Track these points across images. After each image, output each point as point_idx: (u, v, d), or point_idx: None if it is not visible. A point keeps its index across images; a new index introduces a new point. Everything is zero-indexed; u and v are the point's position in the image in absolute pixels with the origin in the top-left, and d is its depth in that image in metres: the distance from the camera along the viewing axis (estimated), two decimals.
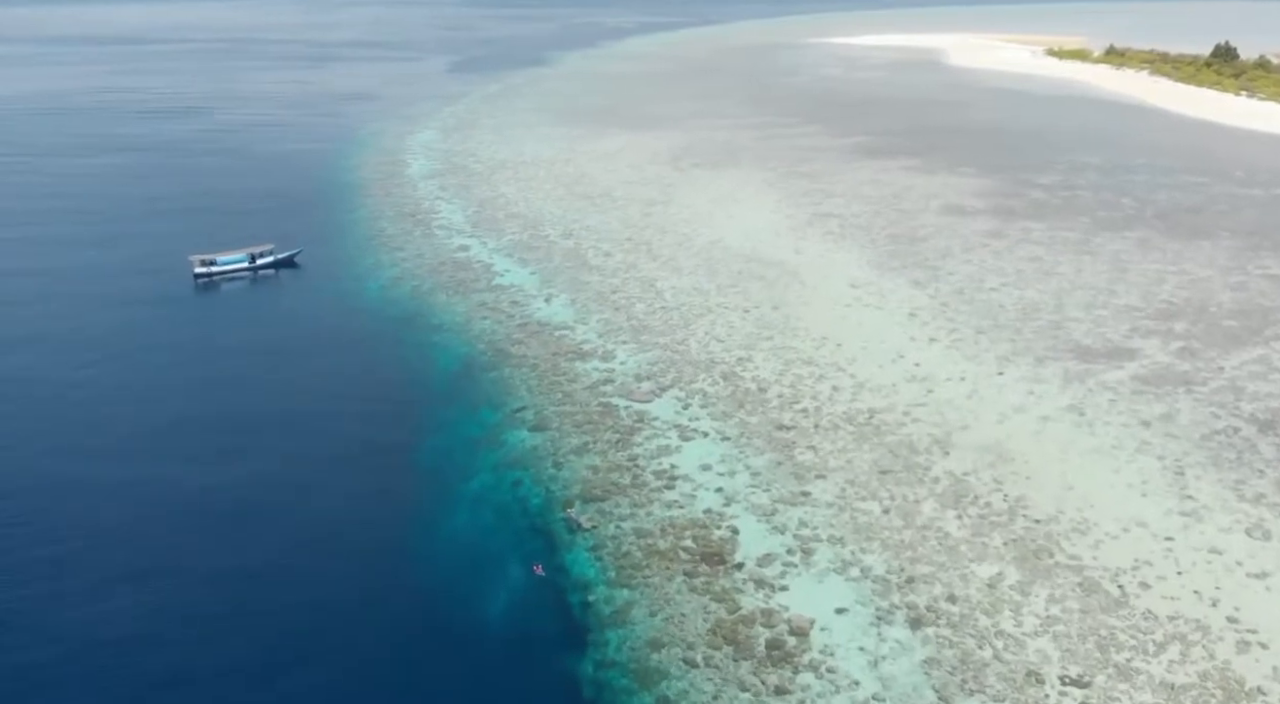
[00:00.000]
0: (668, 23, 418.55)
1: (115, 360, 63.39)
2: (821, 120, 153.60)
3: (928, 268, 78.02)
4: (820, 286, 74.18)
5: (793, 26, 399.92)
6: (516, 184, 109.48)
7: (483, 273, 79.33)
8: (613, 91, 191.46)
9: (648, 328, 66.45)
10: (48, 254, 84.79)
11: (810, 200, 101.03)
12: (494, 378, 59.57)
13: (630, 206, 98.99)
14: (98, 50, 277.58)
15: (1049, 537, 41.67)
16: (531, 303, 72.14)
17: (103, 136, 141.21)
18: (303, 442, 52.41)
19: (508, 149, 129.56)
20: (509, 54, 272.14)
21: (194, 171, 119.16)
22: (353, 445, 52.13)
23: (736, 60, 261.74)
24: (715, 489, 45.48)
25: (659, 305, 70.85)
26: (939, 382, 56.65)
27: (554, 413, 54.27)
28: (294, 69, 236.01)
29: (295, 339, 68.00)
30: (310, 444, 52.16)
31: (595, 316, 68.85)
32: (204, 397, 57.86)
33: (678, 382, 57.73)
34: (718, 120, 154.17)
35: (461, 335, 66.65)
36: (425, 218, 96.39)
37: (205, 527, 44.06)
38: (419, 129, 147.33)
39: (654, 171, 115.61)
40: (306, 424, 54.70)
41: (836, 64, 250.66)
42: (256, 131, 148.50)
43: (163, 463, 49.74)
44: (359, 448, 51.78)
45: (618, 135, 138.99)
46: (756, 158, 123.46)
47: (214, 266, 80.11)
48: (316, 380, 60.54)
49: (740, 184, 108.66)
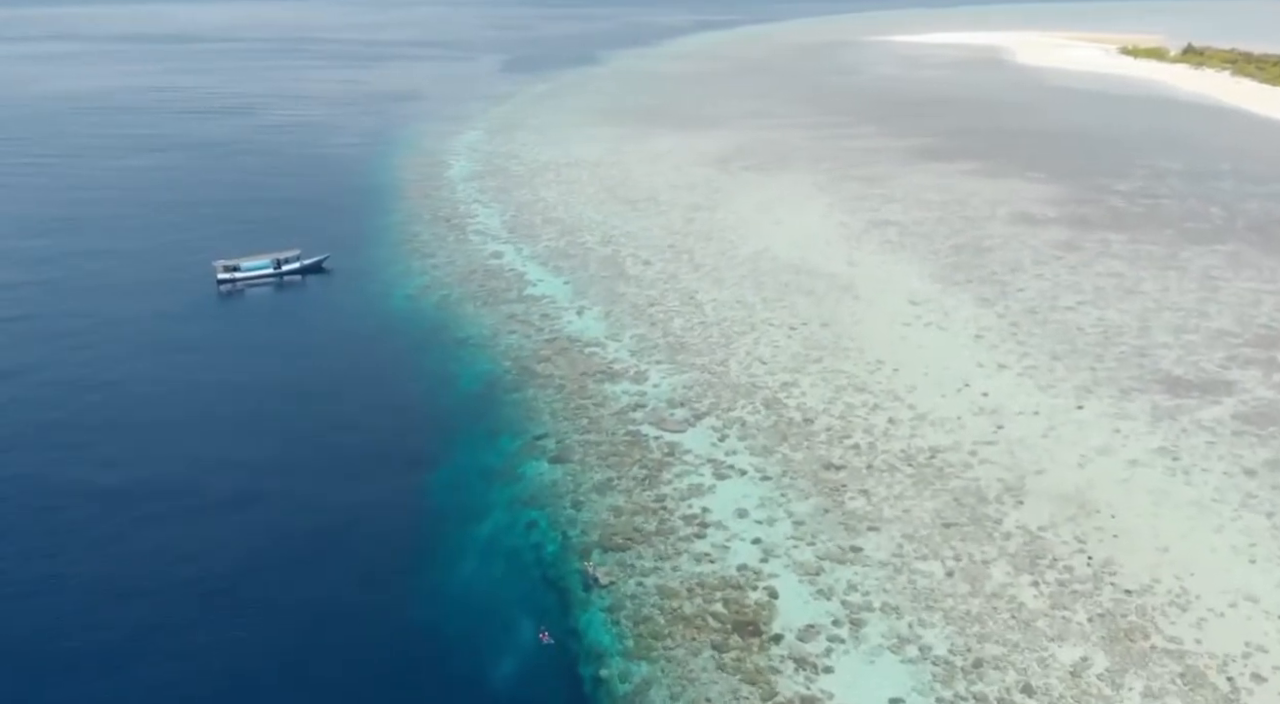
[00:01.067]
0: (724, 21, 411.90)
1: (124, 368, 60.09)
2: (879, 120, 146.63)
3: (996, 283, 71.49)
4: (876, 302, 68.19)
5: (851, 24, 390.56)
6: (558, 187, 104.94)
7: (514, 282, 74.78)
8: (663, 91, 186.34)
9: (685, 346, 61.19)
10: (70, 258, 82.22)
11: (866, 206, 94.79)
12: (516, 400, 54.85)
13: (673, 211, 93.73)
14: (153, 48, 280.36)
15: (1143, 612, 35.51)
16: (562, 316, 67.35)
17: (144, 135, 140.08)
18: (305, 472, 48.21)
19: (552, 150, 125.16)
20: (560, 53, 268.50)
21: (231, 172, 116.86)
22: (360, 475, 47.81)
23: (791, 59, 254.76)
24: (752, 540, 40.09)
25: (698, 320, 65.55)
26: (1010, 416, 50.46)
27: (577, 442, 49.33)
28: (344, 68, 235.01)
29: (312, 353, 63.99)
30: (315, 476, 47.92)
31: (629, 332, 63.79)
32: (205, 412, 54.08)
33: (715, 408, 52.39)
34: (769, 120, 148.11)
35: (486, 351, 62.10)
36: (461, 222, 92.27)
37: (185, 551, 40.01)
38: (463, 129, 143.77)
39: (700, 174, 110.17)
40: (312, 452, 50.51)
41: (896, 62, 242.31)
42: (299, 131, 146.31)
43: (149, 472, 45.92)
44: (367, 478, 47.44)
45: (665, 136, 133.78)
46: (809, 160, 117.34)
47: (238, 272, 76.76)
48: (329, 400, 56.39)
49: (790, 188, 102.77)
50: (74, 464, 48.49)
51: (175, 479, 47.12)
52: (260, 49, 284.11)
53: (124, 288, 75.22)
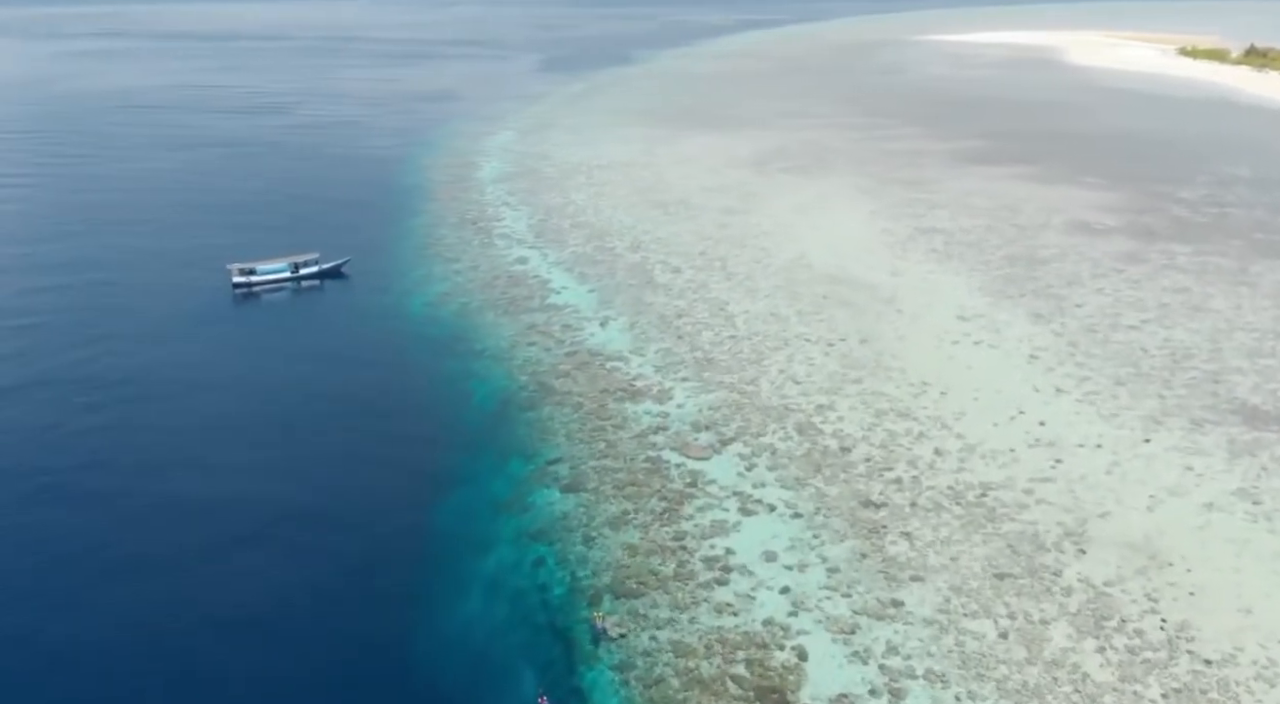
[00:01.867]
0: (767, 20, 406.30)
1: (128, 374, 57.57)
2: (924, 122, 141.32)
3: (1051, 297, 66.62)
4: (921, 317, 63.73)
5: (897, 24, 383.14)
6: (588, 189, 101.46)
7: (537, 289, 71.36)
8: (701, 91, 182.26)
9: (713, 362, 57.27)
10: (90, 258, 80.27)
11: (911, 212, 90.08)
12: (531, 419, 51.33)
13: (706, 216, 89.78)
14: (200, 46, 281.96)
15: (1225, 687, 31.05)
16: (585, 327, 63.77)
17: (179, 133, 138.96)
18: (308, 489, 45.16)
19: (584, 151, 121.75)
20: (599, 53, 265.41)
21: (260, 171, 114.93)
22: (364, 497, 44.66)
23: (835, 58, 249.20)
24: (780, 589, 36.13)
25: (728, 334, 61.58)
26: (1069, 448, 45.90)
27: (593, 469, 45.67)
28: (384, 67, 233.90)
29: (323, 364, 60.92)
30: (317, 492, 44.88)
31: (654, 346, 60.03)
32: (202, 425, 51.26)
33: (743, 433, 48.43)
34: (809, 121, 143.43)
35: (503, 364, 58.69)
36: (487, 225, 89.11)
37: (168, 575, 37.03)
38: (497, 130, 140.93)
39: (736, 177, 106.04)
40: (317, 467, 47.49)
41: (943, 62, 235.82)
42: (333, 130, 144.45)
43: (137, 482, 43.11)
44: (370, 501, 44.27)
45: (701, 137, 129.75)
46: (850, 162, 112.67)
47: (253, 276, 74.23)
48: (336, 415, 53.30)
49: (830, 192, 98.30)
50: (66, 470, 45.96)
51: (158, 491, 44.29)
52: (304, 48, 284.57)
53: (137, 290, 72.96)
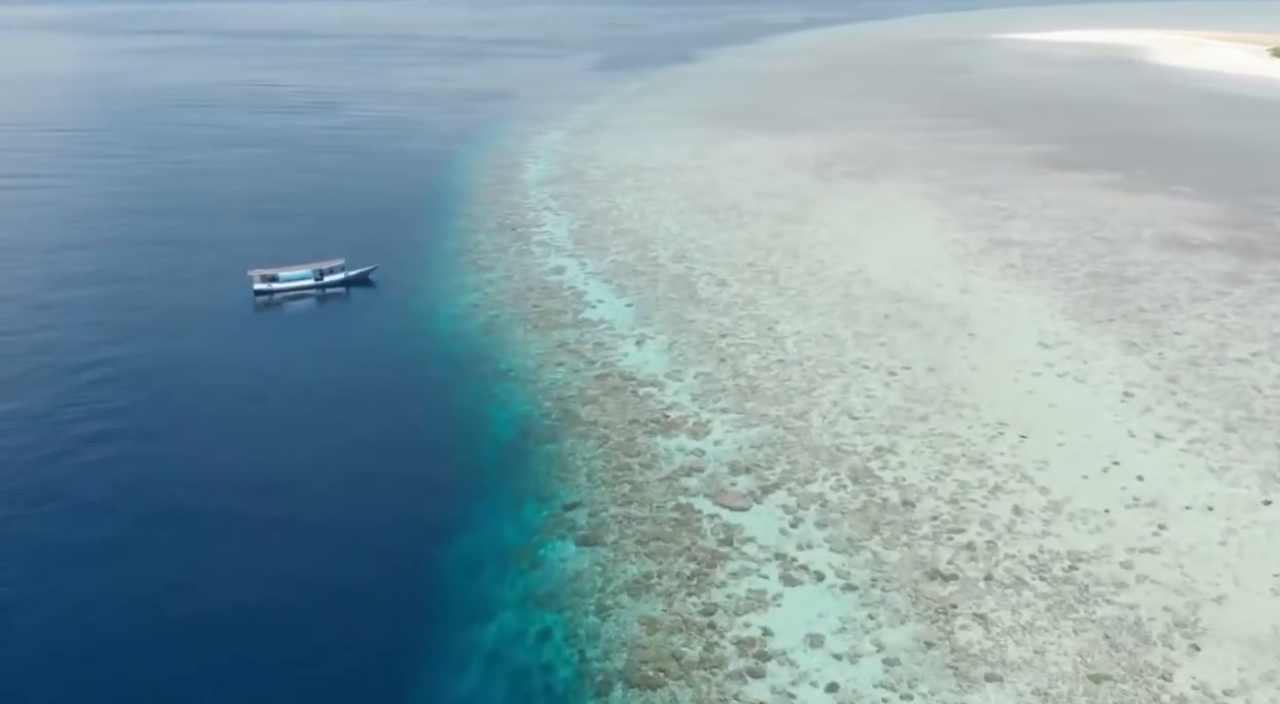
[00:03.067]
0: (834, 18, 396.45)
1: (130, 384, 53.75)
2: (999, 123, 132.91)
3: (1145, 323, 59.13)
4: (997, 343, 56.83)
5: (967, 22, 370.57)
6: (635, 194, 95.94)
7: (571, 302, 66.06)
8: (760, 89, 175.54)
9: (758, 390, 51.22)
10: (110, 262, 77.13)
11: (984, 221, 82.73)
12: (551, 453, 45.95)
13: (759, 223, 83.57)
14: (261, 43, 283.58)
15: None
16: (619, 346, 58.22)
17: (226, 130, 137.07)
18: (299, 528, 40.46)
19: (634, 153, 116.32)
20: (659, 51, 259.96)
21: (301, 170, 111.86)
22: (359, 540, 39.84)
23: (903, 57, 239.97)
24: (826, 686, 30.09)
25: (776, 358, 55.45)
26: (1174, 510, 38.93)
27: (614, 517, 40.08)
28: (441, 66, 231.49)
29: (338, 381, 56.27)
30: (308, 532, 40.18)
31: (693, 369, 54.20)
32: (201, 443, 46.99)
33: (788, 478, 42.38)
34: (874, 121, 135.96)
35: (528, 387, 53.44)
36: (526, 231, 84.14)
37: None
38: (547, 129, 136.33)
39: (793, 181, 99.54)
40: (313, 500, 42.84)
41: (1017, 61, 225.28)
42: (381, 129, 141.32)
43: (127, 505, 38.81)
44: (365, 545, 39.45)
45: (757, 138, 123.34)
46: (917, 166, 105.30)
47: (275, 283, 70.22)
48: (343, 440, 48.59)
49: (895, 198, 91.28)
50: (66, 479, 42.12)
51: (136, 502, 39.94)
52: (364, 46, 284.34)
53: (156, 299, 69.26)
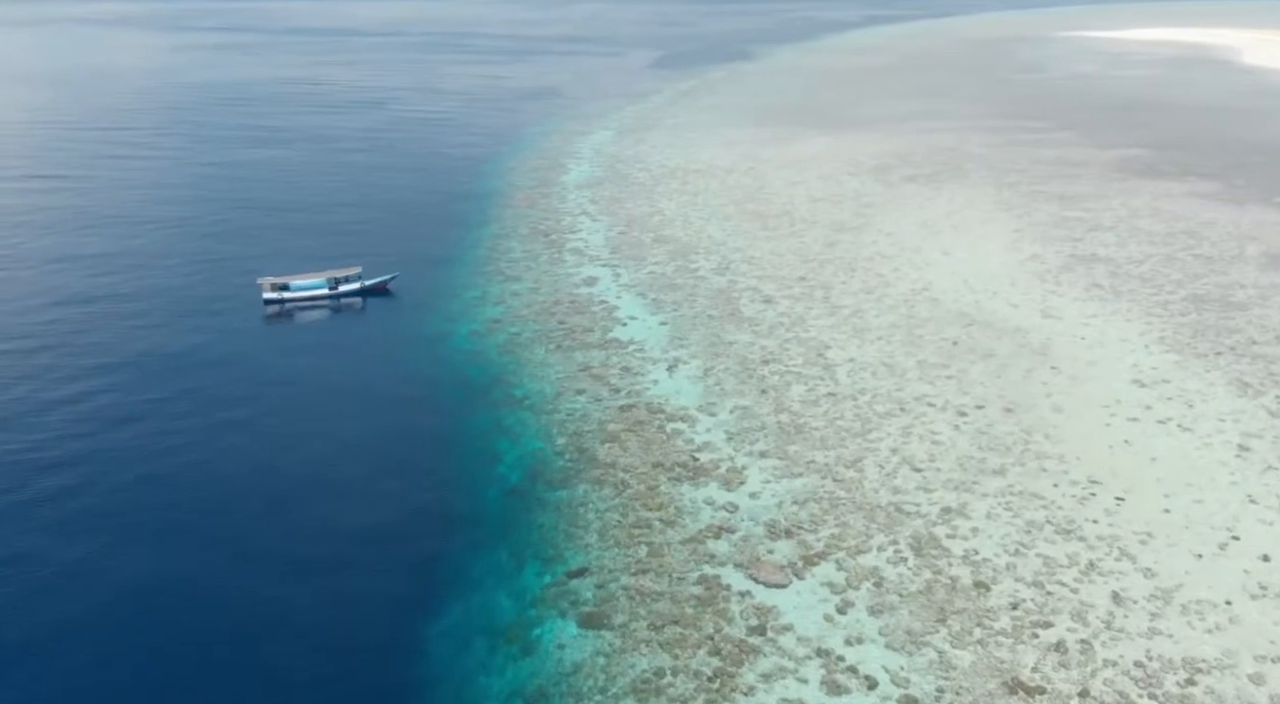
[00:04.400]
0: (896, 15, 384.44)
1: (120, 398, 49.08)
2: (1076, 126, 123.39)
3: (1258, 358, 50.86)
4: (1084, 378, 49.15)
5: (1036, 19, 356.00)
6: (680, 197, 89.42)
7: (600, 318, 59.88)
8: (818, 88, 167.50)
9: (803, 431, 44.41)
10: (122, 266, 72.93)
11: (1065, 234, 74.53)
12: (561, 502, 39.81)
13: (811, 232, 76.47)
14: (317, 41, 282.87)
15: None
16: (648, 371, 51.84)
17: (266, 129, 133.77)
18: (267, 586, 34.97)
19: (682, 154, 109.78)
20: (714, 49, 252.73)
21: (334, 170, 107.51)
22: (330, 603, 34.28)
23: (970, 54, 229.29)
24: None
25: (826, 390, 48.53)
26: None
27: (626, 590, 33.75)
28: (491, 63, 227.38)
29: (339, 405, 50.81)
30: (274, 587, 34.68)
31: (730, 402, 47.58)
32: (170, 477, 41.86)
33: (836, 546, 35.59)
34: (940, 122, 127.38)
35: (543, 418, 47.39)
36: (560, 238, 78.23)
37: None
38: (593, 129, 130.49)
39: (851, 185, 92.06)
40: (287, 551, 37.43)
41: (1093, 60, 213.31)
42: (424, 127, 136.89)
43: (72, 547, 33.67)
44: (338, 610, 33.84)
45: (813, 138, 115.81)
46: (988, 171, 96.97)
47: (286, 292, 65.32)
48: (333, 478, 43.19)
49: (964, 206, 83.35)
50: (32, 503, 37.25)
51: (117, 521, 34.74)
52: (417, 43, 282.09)
53: (162, 307, 64.72)
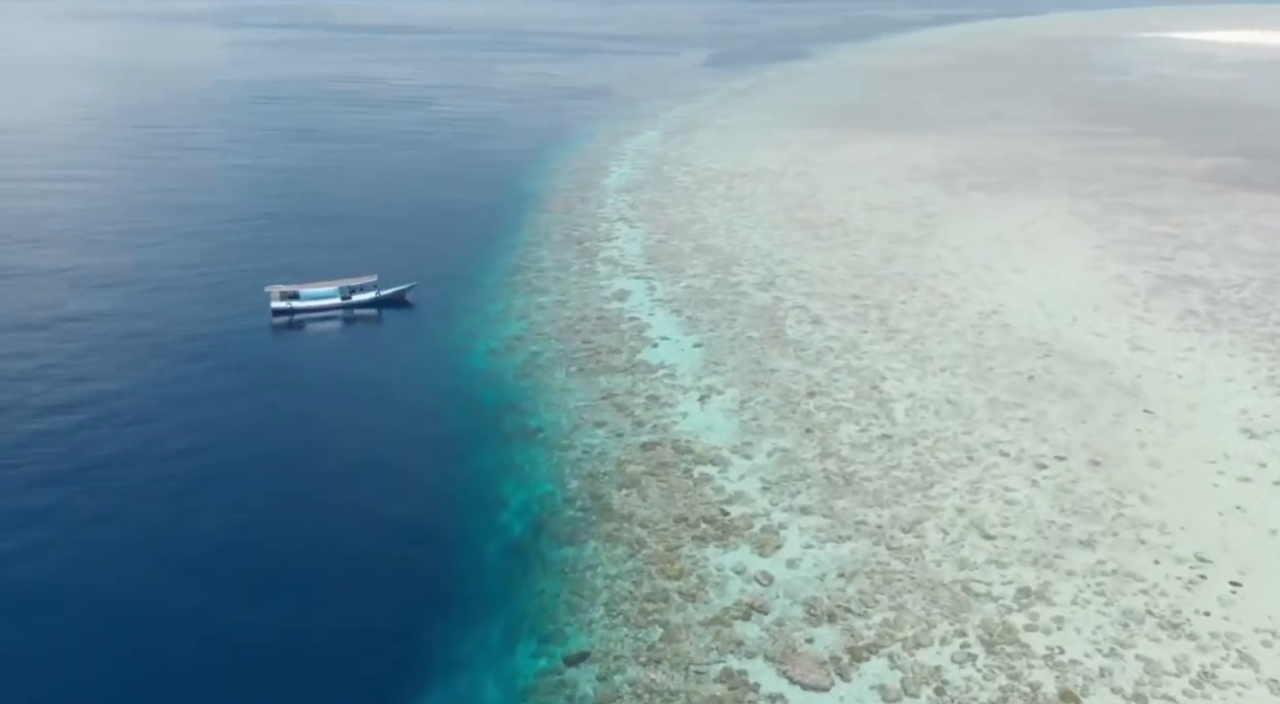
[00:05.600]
0: (965, 14, 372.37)
1: (107, 412, 44.91)
2: (1161, 131, 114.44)
3: None
4: (1184, 425, 42.13)
5: (1112, 19, 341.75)
6: (725, 203, 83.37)
7: (629, 338, 54.24)
8: (879, 88, 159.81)
9: (852, 482, 38.22)
10: (130, 269, 69.08)
11: (1151, 251, 66.96)
12: (566, 563, 34.28)
13: (868, 244, 69.89)
14: (370, 39, 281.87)
15: None
16: (678, 402, 46.05)
17: (306, 126, 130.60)
18: (227, 646, 30.03)
19: (730, 156, 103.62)
20: (771, 48, 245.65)
21: (368, 169, 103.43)
22: (285, 679, 29.14)
23: (1042, 54, 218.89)
24: None
25: (880, 432, 42.23)
26: None
27: (632, 685, 28.02)
28: (544, 62, 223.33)
29: (333, 435, 45.91)
30: (239, 652, 29.71)
31: (768, 442, 41.57)
32: (144, 516, 37.26)
33: (890, 636, 29.43)
34: (1010, 125, 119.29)
35: (555, 456, 41.91)
36: (594, 246, 72.79)
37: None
38: (640, 129, 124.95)
39: (913, 192, 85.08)
40: (257, 612, 32.47)
41: (1174, 61, 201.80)
42: (465, 126, 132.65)
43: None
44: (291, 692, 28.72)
45: (872, 141, 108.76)
46: (1064, 180, 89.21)
47: (296, 301, 60.80)
48: (317, 521, 38.31)
49: (1039, 218, 76.00)
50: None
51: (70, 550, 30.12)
52: (469, 41, 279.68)
53: (166, 313, 60.69)
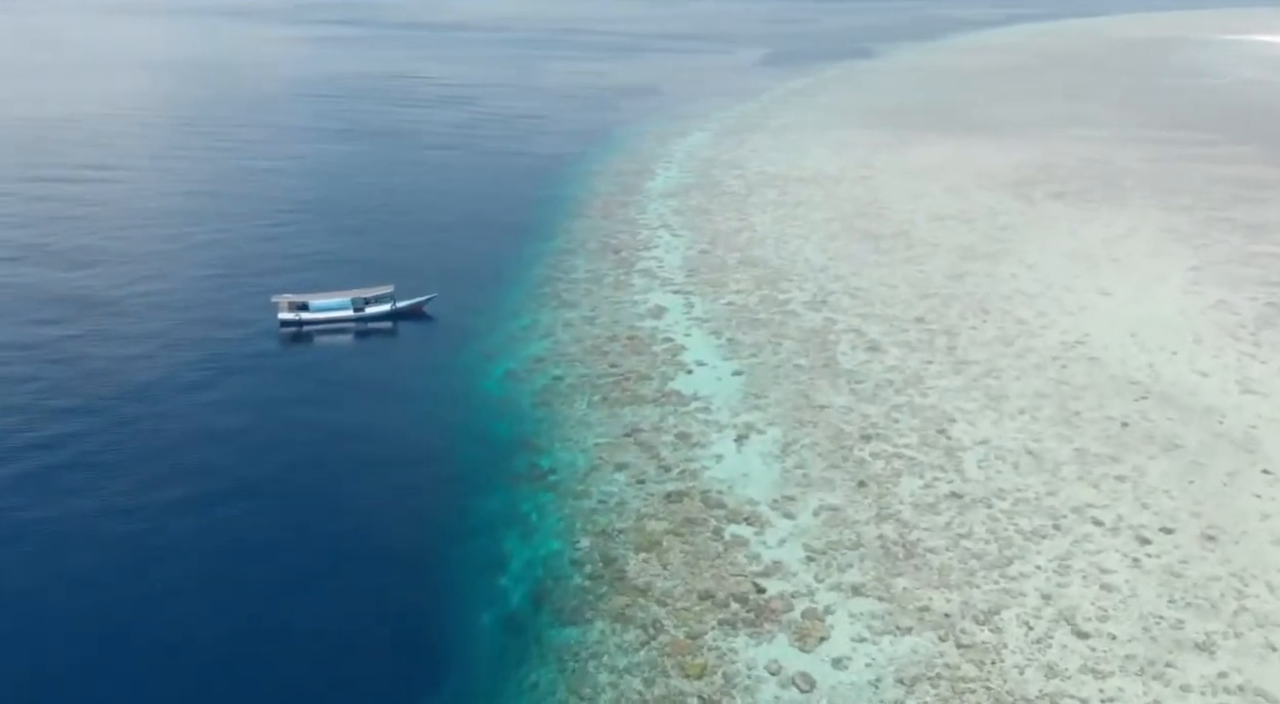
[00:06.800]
0: (1035, 14, 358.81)
1: (90, 430, 40.71)
2: (1257, 139, 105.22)
3: None
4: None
5: (1189, 19, 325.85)
6: (776, 210, 77.23)
7: (661, 362, 48.62)
8: (946, 88, 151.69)
9: (914, 555, 32.06)
10: (138, 272, 65.35)
11: (1258, 274, 59.26)
12: (567, 647, 28.81)
13: (934, 259, 63.26)
14: (420, 36, 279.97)
15: None
16: (711, 442, 40.31)
17: (343, 124, 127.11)
18: None
19: (784, 159, 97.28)
20: (832, 47, 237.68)
21: (400, 169, 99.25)
22: None
23: (1118, 56, 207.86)
24: None
25: (948, 489, 35.95)
26: None
27: None
28: (597, 60, 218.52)
29: (328, 467, 41.09)
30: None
31: (814, 498, 35.59)
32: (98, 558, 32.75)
33: None
34: (1088, 129, 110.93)
35: (567, 507, 36.50)
36: (631, 255, 67.32)
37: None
38: (690, 130, 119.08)
39: (983, 201, 77.99)
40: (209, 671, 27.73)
41: (1259, 65, 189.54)
42: (509, 126, 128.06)
43: None
44: None
45: (938, 144, 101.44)
46: (1152, 190, 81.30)
47: (305, 312, 56.33)
48: (286, 580, 33.44)
49: (1125, 233, 68.55)
50: None
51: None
52: (523, 39, 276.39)
53: (169, 321, 56.64)
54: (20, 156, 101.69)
